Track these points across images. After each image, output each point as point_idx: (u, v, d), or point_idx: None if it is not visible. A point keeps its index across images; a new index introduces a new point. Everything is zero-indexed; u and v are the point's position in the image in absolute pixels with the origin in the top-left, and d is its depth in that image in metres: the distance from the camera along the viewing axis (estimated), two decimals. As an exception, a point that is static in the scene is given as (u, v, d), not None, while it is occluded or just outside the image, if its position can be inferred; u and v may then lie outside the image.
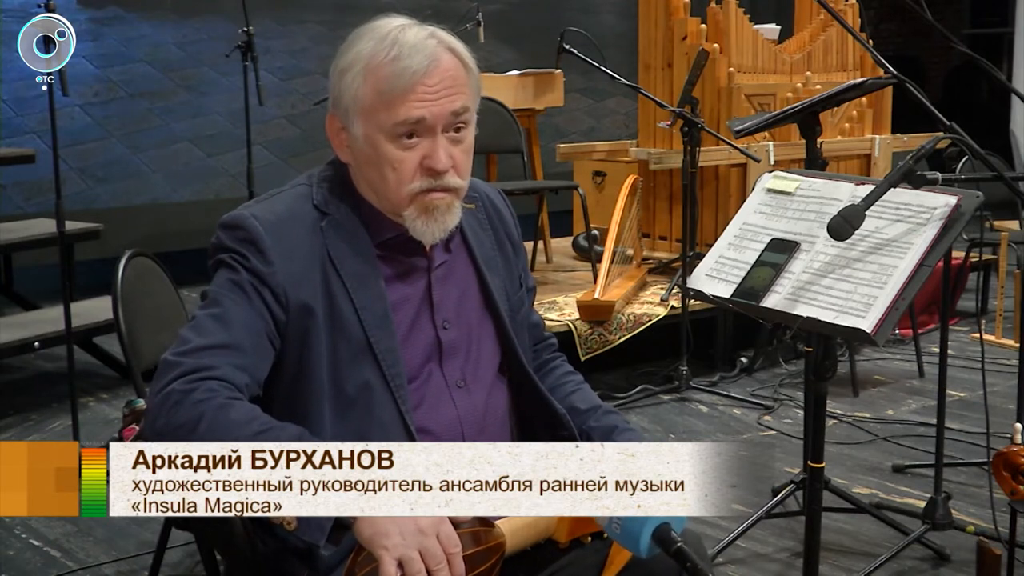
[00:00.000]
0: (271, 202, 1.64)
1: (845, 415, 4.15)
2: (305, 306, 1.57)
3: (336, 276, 1.59)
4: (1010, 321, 5.10)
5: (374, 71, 1.56)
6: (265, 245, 1.56)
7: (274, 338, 1.56)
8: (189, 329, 1.54)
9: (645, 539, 1.20)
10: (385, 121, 1.56)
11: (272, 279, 1.55)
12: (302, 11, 7.18)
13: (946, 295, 3.16)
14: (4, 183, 5.98)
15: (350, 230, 1.63)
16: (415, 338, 1.64)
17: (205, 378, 1.47)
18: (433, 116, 1.56)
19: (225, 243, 1.59)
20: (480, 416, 1.67)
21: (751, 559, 2.98)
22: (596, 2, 8.44)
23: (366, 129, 1.58)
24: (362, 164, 1.63)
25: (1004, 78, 4.23)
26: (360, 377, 1.58)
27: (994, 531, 2.61)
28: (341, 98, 1.60)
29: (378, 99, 1.56)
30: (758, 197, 2.00)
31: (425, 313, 1.66)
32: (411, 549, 1.33)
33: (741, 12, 4.96)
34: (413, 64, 1.54)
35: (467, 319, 1.70)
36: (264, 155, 6.71)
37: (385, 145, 1.57)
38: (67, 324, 3.60)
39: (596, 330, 4.22)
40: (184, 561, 2.92)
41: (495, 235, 1.79)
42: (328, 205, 1.64)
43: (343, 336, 1.58)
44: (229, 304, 1.54)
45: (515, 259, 1.82)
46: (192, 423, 1.42)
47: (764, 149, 4.71)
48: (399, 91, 1.55)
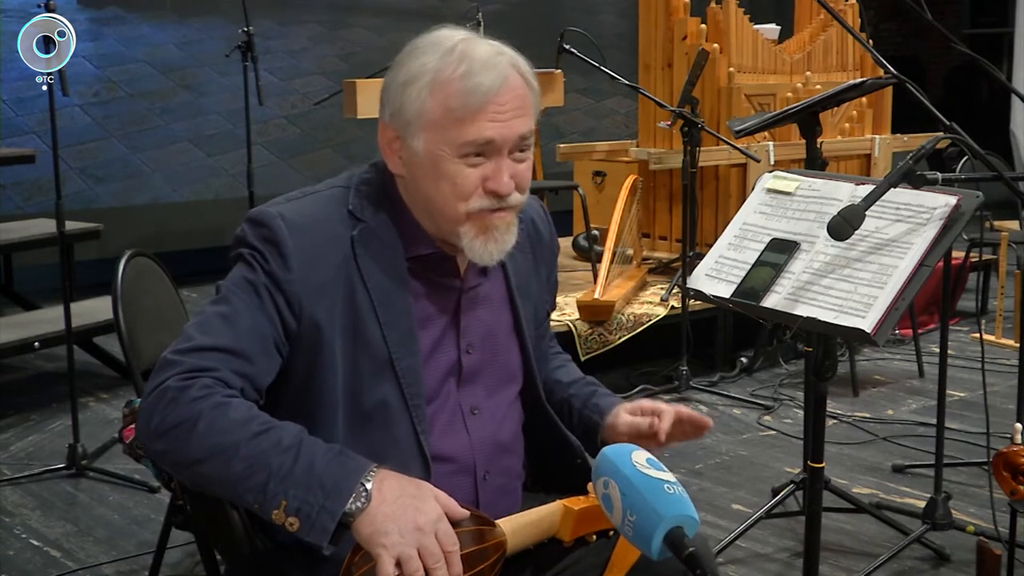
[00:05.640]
0: (303, 203, 1.59)
1: (845, 415, 4.15)
2: (320, 318, 1.53)
3: (363, 288, 1.55)
4: (1010, 321, 5.10)
5: (443, 86, 1.51)
6: (287, 250, 1.52)
7: (282, 345, 1.53)
8: (194, 326, 1.51)
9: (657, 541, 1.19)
10: (453, 138, 1.51)
11: (289, 286, 1.51)
12: (302, 11, 7.18)
13: (946, 295, 3.16)
14: (4, 183, 5.98)
15: (384, 241, 1.58)
16: (437, 359, 1.61)
17: (201, 376, 1.45)
18: (502, 138, 1.52)
19: (248, 238, 1.55)
20: (491, 444, 1.66)
21: (751, 559, 2.98)
22: (596, 2, 8.44)
23: (429, 144, 1.53)
24: (417, 177, 1.57)
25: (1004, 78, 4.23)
26: (378, 393, 1.56)
27: (994, 531, 2.61)
28: (402, 110, 1.54)
29: (447, 115, 1.51)
30: (758, 197, 2.00)
31: (450, 335, 1.63)
32: (409, 547, 1.33)
33: (741, 12, 4.96)
34: (485, 82, 1.50)
35: (492, 346, 1.68)
36: (264, 155, 6.71)
37: (448, 161, 1.52)
38: (67, 324, 3.61)
39: (596, 330, 4.22)
40: (184, 561, 2.92)
41: (533, 258, 1.76)
42: (364, 211, 1.59)
43: (364, 350, 1.55)
44: (239, 304, 1.51)
45: (547, 284, 1.81)
46: (190, 422, 1.41)
47: (764, 149, 4.71)
48: (470, 109, 1.50)
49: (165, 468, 1.53)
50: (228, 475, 1.40)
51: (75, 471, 3.53)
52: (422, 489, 1.40)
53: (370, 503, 1.36)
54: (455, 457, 1.62)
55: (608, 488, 1.26)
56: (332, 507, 1.36)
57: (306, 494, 1.37)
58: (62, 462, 3.57)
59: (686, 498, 1.23)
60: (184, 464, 1.44)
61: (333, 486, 1.37)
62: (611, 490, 1.26)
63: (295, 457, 1.39)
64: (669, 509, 1.20)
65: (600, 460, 1.30)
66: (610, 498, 1.26)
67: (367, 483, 1.38)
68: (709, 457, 3.75)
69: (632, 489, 1.23)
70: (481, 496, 1.64)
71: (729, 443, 3.90)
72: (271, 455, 1.39)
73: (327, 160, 7.04)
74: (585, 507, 1.54)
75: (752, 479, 3.54)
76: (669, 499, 1.21)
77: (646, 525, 1.20)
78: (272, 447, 1.40)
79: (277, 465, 1.38)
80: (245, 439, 1.40)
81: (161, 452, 1.46)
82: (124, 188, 6.52)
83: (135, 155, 6.56)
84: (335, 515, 1.36)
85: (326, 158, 7.07)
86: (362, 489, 1.37)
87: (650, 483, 1.23)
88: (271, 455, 1.39)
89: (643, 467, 1.25)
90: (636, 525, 1.21)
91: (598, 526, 1.55)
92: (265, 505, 1.38)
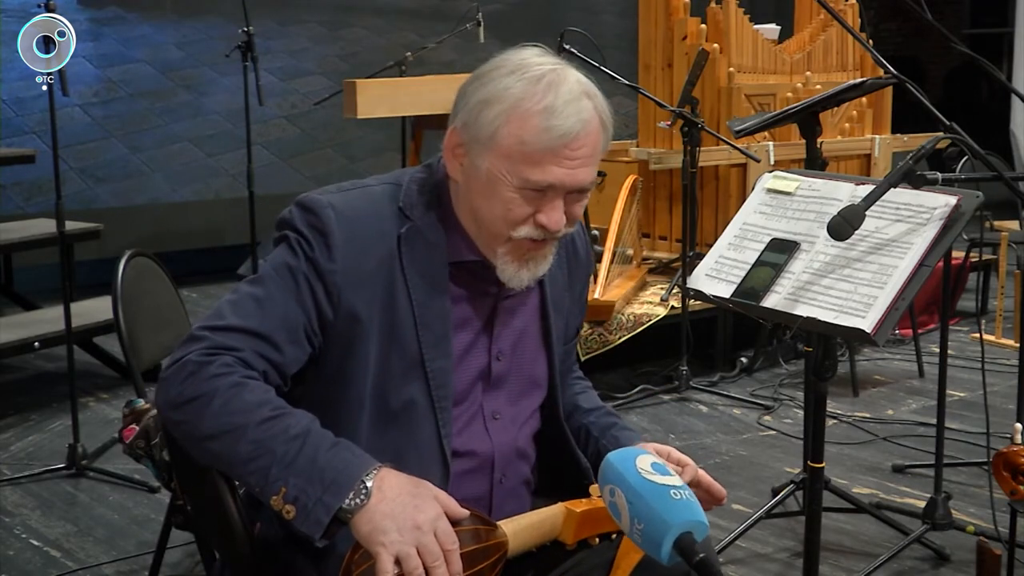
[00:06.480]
0: (355, 195, 1.59)
1: (845, 415, 4.15)
2: (360, 310, 1.53)
3: (403, 286, 1.56)
4: (1010, 321, 5.10)
5: (522, 118, 1.49)
6: (334, 240, 1.52)
7: (314, 335, 1.53)
8: (228, 304, 1.52)
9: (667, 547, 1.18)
10: (519, 172, 1.50)
11: (330, 276, 1.52)
12: (302, 11, 7.18)
13: (946, 295, 3.15)
14: (4, 183, 5.98)
15: (430, 241, 1.58)
16: (467, 363, 1.62)
17: (223, 354, 1.46)
18: (564, 185, 1.52)
19: (295, 223, 1.55)
20: (510, 449, 1.67)
21: (751, 559, 2.98)
22: (596, 2, 8.44)
23: (493, 167, 1.52)
24: (473, 189, 1.56)
25: (1004, 78, 4.23)
26: (407, 393, 1.56)
27: (994, 531, 2.61)
28: (475, 127, 1.53)
29: (519, 148, 1.49)
30: (758, 197, 2.00)
31: (483, 340, 1.64)
32: (408, 545, 1.33)
33: (741, 12, 4.96)
34: (565, 125, 1.48)
35: (520, 356, 1.68)
36: (264, 155, 6.71)
37: (507, 188, 1.51)
38: (67, 324, 3.61)
39: (596, 330, 4.21)
40: (184, 561, 2.92)
41: (569, 274, 1.76)
42: (413, 210, 1.59)
43: (397, 348, 1.56)
44: (274, 289, 1.51)
45: (579, 302, 1.81)
46: (206, 398, 1.43)
47: (764, 149, 4.71)
48: (543, 149, 1.49)
49: (177, 439, 1.54)
50: (235, 455, 1.42)
51: (75, 471, 3.53)
52: (422, 488, 1.40)
53: (369, 501, 1.37)
54: (475, 457, 1.63)
55: (614, 496, 1.25)
56: (329, 501, 1.37)
57: (306, 484, 1.38)
58: (62, 462, 3.57)
59: (694, 502, 1.22)
60: (196, 438, 1.46)
61: (333, 480, 1.38)
62: (617, 498, 1.25)
63: (300, 446, 1.41)
64: (676, 516, 1.19)
65: (605, 467, 1.29)
66: (617, 506, 1.25)
67: (368, 481, 1.38)
68: (709, 457, 3.75)
69: (638, 497, 1.22)
70: (495, 498, 1.65)
71: (729, 443, 3.90)
72: (278, 441, 1.41)
73: (327, 160, 7.04)
74: (587, 509, 1.54)
75: (752, 479, 3.54)
76: (676, 505, 1.20)
77: (655, 533, 1.19)
78: (280, 433, 1.41)
79: (282, 452, 1.40)
80: (255, 422, 1.42)
81: (175, 423, 1.49)
82: (124, 188, 6.52)
83: (135, 155, 6.56)
84: (331, 509, 1.37)
85: (326, 158, 7.06)
86: (362, 486, 1.38)
87: (656, 490, 1.22)
88: (278, 441, 1.41)
89: (648, 473, 1.24)
90: (645, 533, 1.20)
91: (601, 528, 1.54)
92: (266, 489, 1.40)
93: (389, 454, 1.50)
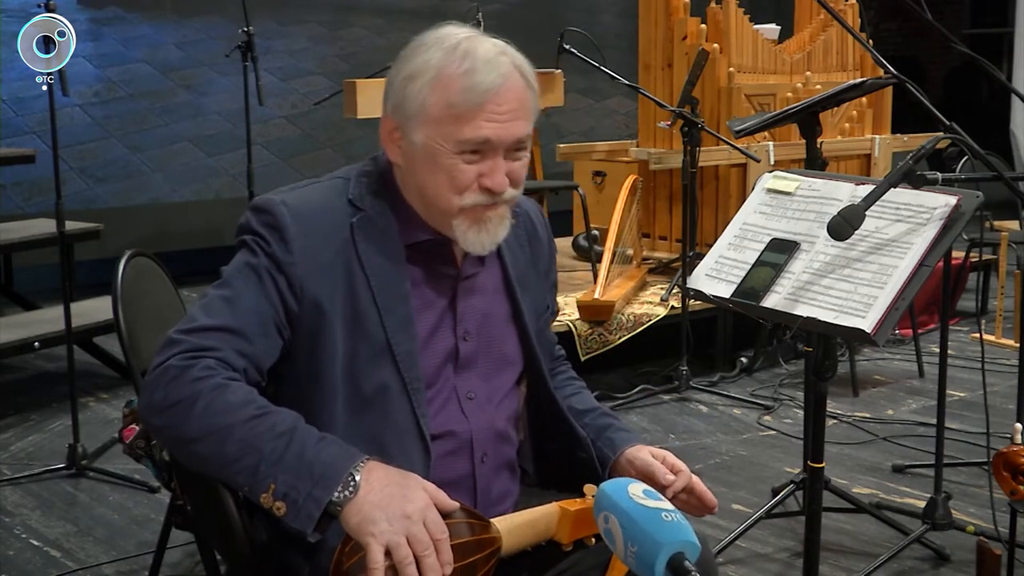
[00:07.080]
0: (305, 191, 1.63)
1: (845, 415, 4.15)
2: (322, 299, 1.56)
3: (361, 274, 1.58)
4: (1010, 321, 5.10)
5: (445, 82, 1.55)
6: (290, 235, 1.55)
7: (283, 328, 1.56)
8: (198, 308, 1.54)
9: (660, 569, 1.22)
10: (452, 135, 1.55)
11: (290, 269, 1.55)
12: (302, 11, 7.18)
13: (946, 295, 3.16)
14: (4, 183, 5.98)
15: (382, 228, 1.62)
16: (434, 345, 1.64)
17: (204, 357, 1.47)
18: (499, 139, 1.55)
19: (251, 225, 1.58)
20: (488, 428, 1.68)
21: (751, 559, 2.98)
22: (596, 2, 8.44)
23: (428, 138, 1.56)
24: (415, 169, 1.60)
25: (1004, 78, 4.23)
26: (377, 378, 1.58)
27: (994, 531, 2.61)
28: (404, 104, 1.58)
29: (447, 111, 1.54)
30: (758, 197, 2.00)
31: (447, 321, 1.66)
32: (398, 535, 1.34)
33: (741, 12, 4.96)
34: (486, 81, 1.53)
35: (488, 334, 1.70)
36: (264, 155, 6.71)
37: (446, 156, 1.56)
38: (67, 324, 3.61)
39: (596, 330, 4.22)
40: (184, 561, 2.92)
41: (531, 252, 1.78)
42: (363, 200, 1.63)
43: (363, 335, 1.58)
44: (241, 287, 1.54)
45: (546, 281, 1.83)
46: (189, 401, 1.44)
47: (764, 149, 4.71)
48: (469, 107, 1.54)
49: (163, 444, 1.56)
50: (221, 456, 1.43)
51: (75, 471, 3.54)
52: (410, 479, 1.42)
53: (358, 493, 1.38)
54: (454, 438, 1.64)
55: (608, 523, 1.29)
56: (319, 495, 1.38)
57: (295, 480, 1.39)
58: (62, 462, 3.57)
59: (684, 524, 1.25)
60: (181, 441, 1.47)
61: (321, 475, 1.39)
62: (611, 524, 1.29)
63: (287, 443, 1.42)
64: (667, 536, 1.22)
65: (599, 496, 1.33)
66: (611, 532, 1.29)
67: (356, 473, 1.40)
68: (709, 457, 3.75)
69: (630, 521, 1.26)
70: (479, 480, 1.66)
71: (729, 443, 3.90)
72: (264, 439, 1.42)
73: (327, 160, 7.03)
74: (582, 508, 1.54)
75: (752, 479, 3.54)
76: (667, 527, 1.24)
77: (647, 554, 1.22)
78: (266, 431, 1.43)
79: (269, 450, 1.41)
80: (240, 421, 1.43)
81: (159, 428, 1.50)
82: (124, 188, 6.52)
83: (135, 155, 6.56)
84: (321, 503, 1.38)
85: (326, 158, 7.06)
86: (350, 479, 1.39)
87: (647, 513, 1.26)
88: (264, 439, 1.42)
89: (640, 499, 1.28)
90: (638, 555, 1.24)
91: (596, 528, 1.55)
92: (254, 488, 1.41)
93: (368, 439, 1.52)
